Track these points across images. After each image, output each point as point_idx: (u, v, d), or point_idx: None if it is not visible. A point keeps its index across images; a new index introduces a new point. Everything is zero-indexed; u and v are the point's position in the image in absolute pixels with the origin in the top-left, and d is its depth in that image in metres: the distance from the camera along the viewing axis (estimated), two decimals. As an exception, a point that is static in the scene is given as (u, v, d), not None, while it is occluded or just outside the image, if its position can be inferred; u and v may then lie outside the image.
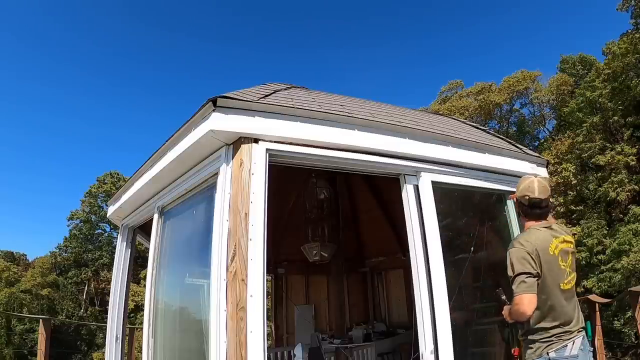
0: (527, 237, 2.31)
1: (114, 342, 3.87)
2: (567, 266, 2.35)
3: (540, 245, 2.26)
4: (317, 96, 3.36)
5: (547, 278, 2.25)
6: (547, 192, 2.39)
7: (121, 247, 4.09)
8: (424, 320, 2.54)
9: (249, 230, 2.25)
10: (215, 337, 2.22)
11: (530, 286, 2.17)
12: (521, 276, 2.18)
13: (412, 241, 2.68)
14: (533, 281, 2.18)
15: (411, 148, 2.81)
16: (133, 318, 24.38)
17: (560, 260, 2.30)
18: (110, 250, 36.36)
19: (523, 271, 2.19)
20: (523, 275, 2.19)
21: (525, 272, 2.19)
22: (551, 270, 2.26)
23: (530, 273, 2.19)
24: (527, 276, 2.18)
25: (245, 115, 2.39)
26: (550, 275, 2.26)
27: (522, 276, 2.18)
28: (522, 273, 2.19)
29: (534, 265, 2.21)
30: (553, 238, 2.33)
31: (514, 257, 2.24)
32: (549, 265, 2.25)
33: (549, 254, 2.26)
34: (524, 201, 2.40)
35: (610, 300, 7.11)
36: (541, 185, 2.38)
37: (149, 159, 3.12)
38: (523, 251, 2.23)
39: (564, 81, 25.95)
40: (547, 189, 2.41)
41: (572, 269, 2.40)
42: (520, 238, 2.34)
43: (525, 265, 2.20)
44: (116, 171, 39.14)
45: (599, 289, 16.76)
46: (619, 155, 19.14)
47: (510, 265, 2.25)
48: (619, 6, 20.59)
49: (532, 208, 2.38)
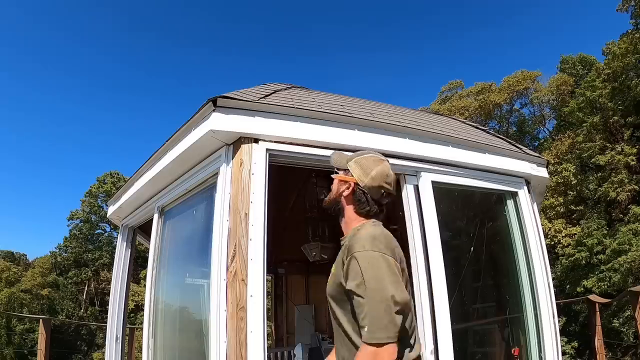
0: (382, 235, 1.53)
1: (114, 342, 3.87)
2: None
3: (397, 250, 1.56)
4: (317, 96, 3.36)
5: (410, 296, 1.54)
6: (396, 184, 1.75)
7: (121, 247, 4.09)
8: (424, 320, 2.54)
9: (249, 230, 2.25)
10: (215, 337, 2.22)
11: (399, 330, 1.37)
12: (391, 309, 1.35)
13: (412, 241, 2.68)
14: (403, 319, 1.41)
15: (411, 148, 2.81)
16: (133, 318, 24.39)
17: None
18: (110, 250, 36.35)
19: (400, 300, 1.37)
20: (396, 306, 1.36)
21: (398, 301, 1.37)
22: (409, 283, 1.63)
23: (402, 303, 1.39)
24: (399, 310, 1.38)
25: (245, 115, 2.39)
26: (409, 292, 1.58)
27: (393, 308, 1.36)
28: (395, 303, 1.36)
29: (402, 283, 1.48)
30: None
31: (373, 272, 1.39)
32: (407, 276, 1.59)
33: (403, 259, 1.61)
34: (375, 192, 1.65)
35: (610, 301, 7.10)
36: (395, 176, 1.74)
37: (149, 159, 3.12)
38: (387, 259, 1.44)
39: (564, 81, 25.96)
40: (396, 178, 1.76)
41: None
42: (374, 238, 1.49)
43: (396, 287, 1.39)
44: (116, 171, 39.16)
45: (599, 288, 16.76)
46: (619, 155, 19.15)
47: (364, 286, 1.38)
48: (619, 6, 20.59)
49: (379, 205, 1.68)
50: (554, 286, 3.24)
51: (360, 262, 1.42)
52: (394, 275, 1.42)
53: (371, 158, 1.71)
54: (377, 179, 1.65)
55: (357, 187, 1.67)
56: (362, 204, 1.67)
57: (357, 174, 1.68)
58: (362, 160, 1.70)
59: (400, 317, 1.38)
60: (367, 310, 1.37)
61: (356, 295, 1.41)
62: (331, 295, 1.59)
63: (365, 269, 1.41)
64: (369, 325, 1.35)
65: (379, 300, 1.36)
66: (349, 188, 1.69)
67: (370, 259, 1.42)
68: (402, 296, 1.40)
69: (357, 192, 1.67)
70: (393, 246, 1.52)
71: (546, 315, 3.05)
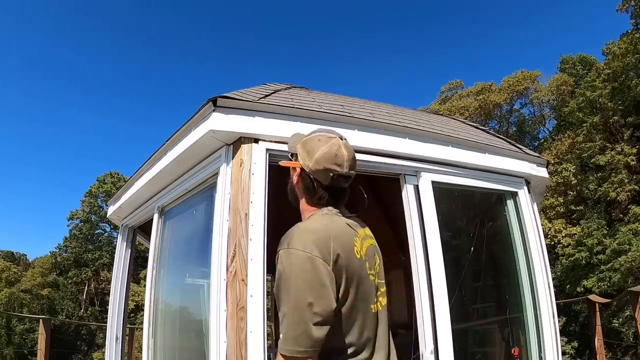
0: (318, 230, 1.30)
1: (114, 342, 3.87)
2: (376, 276, 1.46)
3: (343, 244, 1.30)
4: (317, 96, 3.36)
5: (358, 302, 1.31)
6: (355, 163, 1.50)
7: (121, 247, 4.09)
8: (424, 320, 2.54)
9: (249, 230, 2.25)
10: (215, 337, 2.22)
11: (316, 343, 1.18)
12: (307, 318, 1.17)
13: (412, 241, 2.68)
14: (324, 332, 1.19)
15: (411, 148, 2.81)
16: (133, 318, 24.39)
17: (368, 268, 1.40)
18: (110, 250, 36.37)
19: (320, 310, 1.18)
20: (314, 317, 1.17)
21: (317, 311, 1.17)
22: (361, 287, 1.32)
23: (323, 314, 1.18)
24: (318, 321, 1.17)
25: (245, 115, 2.39)
26: (361, 297, 1.32)
27: (309, 318, 1.16)
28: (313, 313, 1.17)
29: (331, 289, 1.21)
30: (355, 230, 1.42)
31: (293, 274, 1.21)
32: (358, 279, 1.31)
33: (356, 258, 1.32)
34: (323, 177, 1.41)
35: (610, 301, 7.10)
36: (351, 154, 1.47)
37: (149, 159, 3.12)
38: (313, 260, 1.21)
39: (564, 81, 26.00)
40: (355, 157, 1.50)
41: (381, 279, 1.52)
42: (304, 233, 1.29)
43: (317, 294, 1.19)
44: (116, 171, 39.20)
45: (599, 288, 16.78)
46: (619, 155, 19.17)
47: (282, 289, 1.23)
48: (619, 6, 20.63)
49: (333, 191, 1.44)
50: (554, 286, 3.24)
51: (282, 262, 1.24)
52: (316, 280, 1.19)
53: (317, 137, 1.46)
54: (322, 161, 1.40)
55: (304, 172, 1.45)
56: (310, 192, 1.45)
57: (302, 157, 1.45)
58: (308, 141, 1.47)
59: (320, 328, 1.17)
60: (282, 317, 1.21)
61: (276, 298, 1.26)
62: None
63: (284, 271, 1.23)
64: (283, 333, 1.20)
65: (294, 307, 1.18)
66: (297, 175, 1.49)
67: (292, 259, 1.23)
68: (323, 305, 1.18)
69: (304, 179, 1.46)
70: (329, 243, 1.26)
71: (546, 315, 3.05)
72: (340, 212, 1.47)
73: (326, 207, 1.44)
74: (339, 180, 1.43)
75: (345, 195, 1.51)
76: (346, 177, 1.45)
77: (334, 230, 1.32)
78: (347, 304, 1.28)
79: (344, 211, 1.52)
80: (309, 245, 1.24)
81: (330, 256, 1.24)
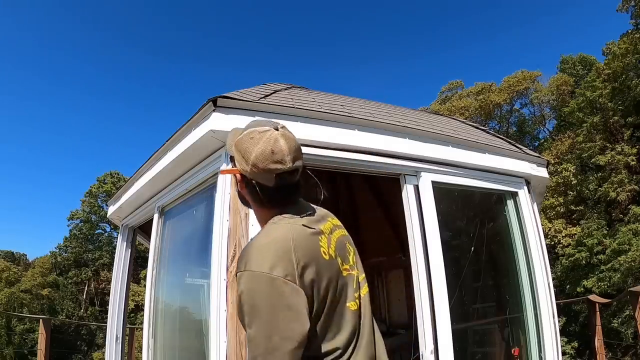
0: (275, 242, 1.15)
1: (114, 342, 3.87)
2: (351, 268, 1.32)
3: (306, 250, 1.16)
4: (317, 96, 3.36)
5: (334, 305, 1.20)
6: (300, 152, 1.30)
7: (121, 247, 4.09)
8: (424, 320, 2.54)
9: (249, 231, 2.25)
10: (215, 337, 2.22)
11: None
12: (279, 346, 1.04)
13: (412, 241, 2.68)
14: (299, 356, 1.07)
15: (411, 148, 2.81)
16: (133, 318, 24.38)
17: (341, 264, 1.26)
18: (110, 250, 36.36)
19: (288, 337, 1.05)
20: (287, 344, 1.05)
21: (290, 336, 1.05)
22: (335, 289, 1.20)
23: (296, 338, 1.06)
24: (293, 347, 1.05)
25: (245, 115, 2.39)
26: (337, 299, 1.21)
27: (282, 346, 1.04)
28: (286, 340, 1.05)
29: (302, 308, 1.09)
30: (316, 229, 1.25)
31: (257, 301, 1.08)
32: (329, 282, 1.19)
33: (325, 260, 1.19)
34: (265, 179, 1.23)
35: (610, 301, 7.10)
36: (292, 143, 1.26)
37: (149, 159, 3.12)
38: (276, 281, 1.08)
39: (564, 81, 26.00)
40: (298, 145, 1.29)
41: (359, 268, 1.37)
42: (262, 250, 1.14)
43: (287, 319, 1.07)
44: (116, 171, 39.16)
45: (599, 288, 16.77)
46: (619, 155, 19.17)
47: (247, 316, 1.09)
48: (619, 7, 20.64)
49: (281, 190, 1.26)
50: (554, 286, 3.24)
51: (243, 286, 1.10)
52: (283, 304, 1.07)
53: (249, 135, 1.25)
54: (259, 163, 1.21)
55: (245, 178, 1.28)
56: (257, 198, 1.29)
57: (238, 162, 1.27)
58: (241, 142, 1.26)
59: (295, 354, 1.06)
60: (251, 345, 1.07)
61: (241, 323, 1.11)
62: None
63: (247, 297, 1.09)
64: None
65: (263, 336, 1.05)
66: (239, 182, 1.31)
67: (253, 284, 1.09)
68: (297, 330, 1.06)
69: (247, 185, 1.29)
70: (291, 256, 1.12)
71: (546, 315, 3.05)
72: (298, 208, 1.32)
73: (279, 211, 1.28)
74: (285, 178, 1.24)
75: (298, 190, 1.33)
76: (292, 171, 1.25)
77: (294, 238, 1.16)
78: (324, 312, 1.16)
79: (304, 204, 1.37)
80: (269, 263, 1.09)
81: (295, 270, 1.10)
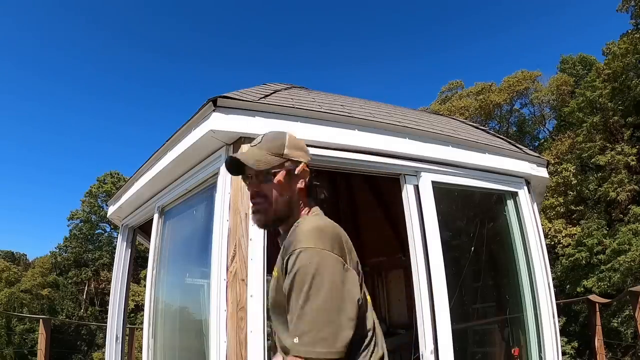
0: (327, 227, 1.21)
1: (114, 342, 3.87)
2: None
3: (348, 241, 1.24)
4: (317, 96, 3.36)
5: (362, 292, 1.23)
6: None
7: (121, 247, 4.09)
8: (424, 320, 2.54)
9: (249, 230, 2.25)
10: (215, 337, 2.22)
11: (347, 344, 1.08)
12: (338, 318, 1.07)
13: (412, 241, 2.68)
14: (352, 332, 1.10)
15: (411, 148, 2.81)
16: (133, 318, 24.38)
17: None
18: (110, 250, 36.33)
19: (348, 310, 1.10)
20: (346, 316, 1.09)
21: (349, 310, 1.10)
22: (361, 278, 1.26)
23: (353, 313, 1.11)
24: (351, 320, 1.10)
25: (245, 115, 2.39)
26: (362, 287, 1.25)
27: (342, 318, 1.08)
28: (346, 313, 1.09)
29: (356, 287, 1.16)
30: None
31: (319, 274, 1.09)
32: (359, 270, 1.26)
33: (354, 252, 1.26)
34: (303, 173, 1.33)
35: (610, 301, 7.10)
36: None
37: (149, 159, 3.12)
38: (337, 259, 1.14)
39: (564, 81, 25.99)
40: None
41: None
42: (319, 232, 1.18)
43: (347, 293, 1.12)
44: (116, 171, 39.14)
45: (599, 288, 16.76)
46: (619, 155, 19.17)
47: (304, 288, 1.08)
48: (619, 7, 20.63)
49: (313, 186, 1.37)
50: (554, 286, 3.24)
51: (304, 260, 1.11)
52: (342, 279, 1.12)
53: (291, 134, 1.38)
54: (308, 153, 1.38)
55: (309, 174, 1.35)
56: (312, 192, 1.36)
57: (302, 157, 1.34)
58: (294, 140, 1.37)
59: (352, 329, 1.09)
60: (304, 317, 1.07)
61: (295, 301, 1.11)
62: (273, 305, 1.29)
63: (308, 270, 1.10)
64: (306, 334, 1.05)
65: (323, 308, 1.07)
66: (304, 177, 1.34)
67: (317, 258, 1.11)
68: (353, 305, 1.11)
69: (310, 179, 1.35)
70: (341, 241, 1.20)
71: (546, 315, 3.05)
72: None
73: (314, 203, 1.36)
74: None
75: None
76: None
77: (337, 228, 1.23)
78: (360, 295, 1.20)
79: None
80: (329, 243, 1.15)
81: (346, 255, 1.19)
